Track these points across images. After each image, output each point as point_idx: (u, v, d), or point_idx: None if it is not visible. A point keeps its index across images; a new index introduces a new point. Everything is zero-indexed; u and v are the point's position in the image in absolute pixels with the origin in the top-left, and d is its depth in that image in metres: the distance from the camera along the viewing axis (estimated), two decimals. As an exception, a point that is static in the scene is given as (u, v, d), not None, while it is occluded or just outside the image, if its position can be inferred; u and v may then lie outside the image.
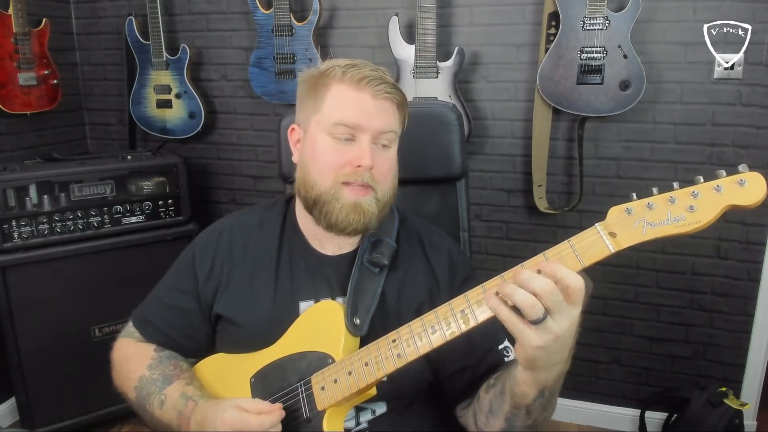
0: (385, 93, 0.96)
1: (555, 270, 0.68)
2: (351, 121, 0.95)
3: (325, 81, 0.98)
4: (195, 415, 0.93)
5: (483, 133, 2.16)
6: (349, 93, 0.96)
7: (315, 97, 0.99)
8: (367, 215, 0.96)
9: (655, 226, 0.71)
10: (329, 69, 0.98)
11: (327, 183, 0.96)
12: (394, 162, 1.02)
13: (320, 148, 0.97)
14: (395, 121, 1.00)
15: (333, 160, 0.96)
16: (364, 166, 0.94)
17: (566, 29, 1.87)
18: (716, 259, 2.03)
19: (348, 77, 0.96)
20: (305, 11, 2.17)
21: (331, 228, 0.98)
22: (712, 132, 1.95)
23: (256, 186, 2.48)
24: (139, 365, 1.04)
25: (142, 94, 2.36)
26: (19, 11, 2.10)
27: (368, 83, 0.95)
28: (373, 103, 0.96)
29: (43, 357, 2.00)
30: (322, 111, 0.97)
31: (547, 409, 0.82)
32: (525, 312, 0.68)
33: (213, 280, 1.05)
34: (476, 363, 0.97)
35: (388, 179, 1.00)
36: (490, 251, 2.25)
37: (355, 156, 0.95)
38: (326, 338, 0.94)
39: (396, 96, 0.98)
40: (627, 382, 2.22)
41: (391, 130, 0.98)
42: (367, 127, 0.95)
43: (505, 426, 0.85)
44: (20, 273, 1.94)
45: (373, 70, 0.96)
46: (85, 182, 2.02)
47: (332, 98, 0.97)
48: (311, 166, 0.98)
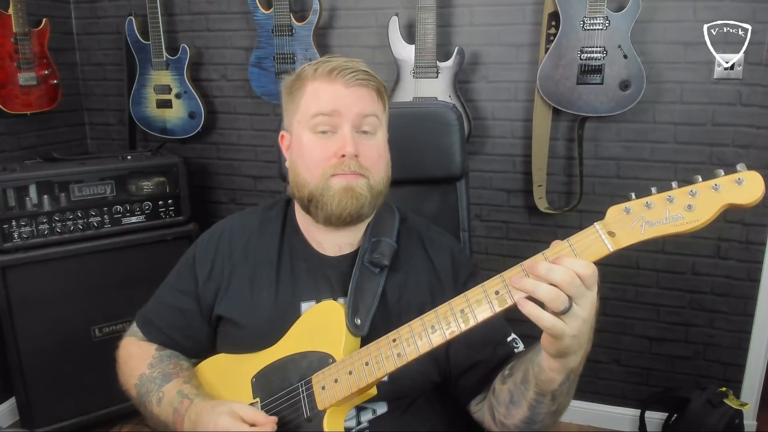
0: (357, 80, 0.96)
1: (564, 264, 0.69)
2: (327, 109, 0.95)
3: (300, 83, 0.99)
4: (189, 413, 0.94)
5: (483, 133, 2.16)
6: (322, 87, 0.97)
7: (293, 101, 1.01)
8: (360, 199, 0.96)
9: (653, 225, 0.71)
10: (302, 70, 1.00)
11: (316, 178, 0.96)
12: (382, 149, 1.01)
13: (305, 145, 0.97)
14: (374, 104, 0.99)
15: (318, 155, 0.96)
16: (347, 155, 0.94)
17: (566, 29, 1.87)
18: (716, 259, 2.03)
19: (319, 72, 0.97)
20: (305, 11, 2.17)
21: (328, 220, 0.98)
22: (712, 132, 1.95)
23: (256, 186, 2.48)
24: (140, 363, 1.05)
25: (142, 94, 2.36)
26: (19, 11, 2.10)
27: (339, 73, 0.95)
28: (347, 91, 0.96)
29: (43, 357, 2.00)
30: (300, 109, 0.99)
31: (570, 392, 0.83)
32: (550, 305, 0.69)
33: (213, 282, 1.06)
34: (487, 357, 0.97)
35: (379, 167, 0.99)
36: (490, 251, 2.25)
37: (338, 146, 0.95)
38: (327, 338, 0.94)
39: (371, 81, 0.97)
40: (627, 382, 2.22)
41: (371, 113, 0.97)
42: (345, 112, 0.95)
43: (529, 413, 0.85)
44: (20, 273, 1.94)
45: (344, 61, 0.97)
46: (85, 182, 2.02)
47: (307, 96, 0.98)
48: (300, 165, 0.99)
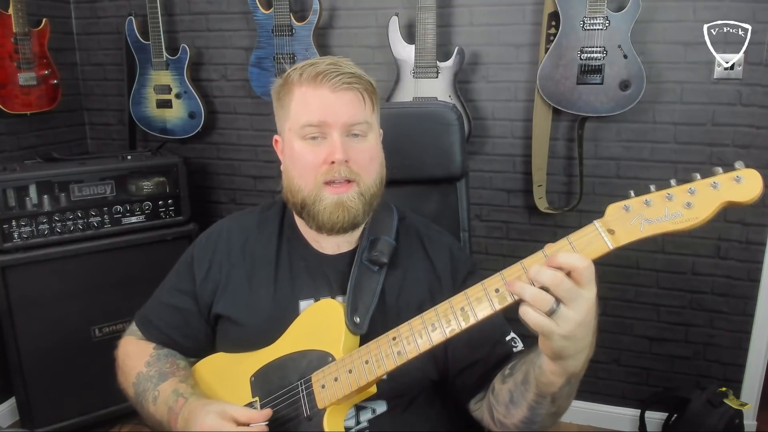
0: (343, 84, 0.95)
1: (558, 260, 0.69)
2: (316, 120, 0.95)
3: (287, 87, 0.99)
4: (183, 412, 0.94)
5: (483, 133, 2.16)
6: (308, 93, 0.96)
7: (282, 106, 1.01)
8: (351, 212, 0.96)
9: (652, 223, 0.71)
10: (288, 75, 0.99)
11: (309, 186, 0.96)
12: (373, 151, 1.00)
13: (296, 152, 0.97)
14: (363, 109, 0.97)
15: (309, 162, 0.96)
16: (337, 162, 0.93)
17: (566, 29, 1.87)
18: (716, 259, 2.03)
19: (305, 77, 0.96)
20: (305, 11, 2.17)
21: (320, 229, 0.99)
22: (712, 132, 1.95)
23: (256, 186, 2.49)
24: (137, 362, 1.05)
25: (142, 94, 2.36)
26: (19, 11, 2.10)
27: (323, 78, 0.94)
28: (333, 97, 0.95)
29: (43, 357, 2.00)
30: (290, 116, 0.98)
31: (571, 396, 0.83)
32: (535, 306, 0.70)
33: (211, 281, 1.06)
34: (486, 356, 0.97)
35: (370, 170, 0.99)
36: (490, 251, 2.25)
37: (327, 153, 0.94)
38: (326, 337, 0.94)
39: (357, 84, 0.96)
40: (627, 382, 2.22)
41: (359, 121, 0.97)
42: (333, 123, 0.95)
43: (528, 414, 0.85)
44: (20, 273, 1.94)
45: (329, 64, 0.96)
46: (85, 182, 2.02)
47: (296, 102, 0.97)
48: (292, 171, 0.99)
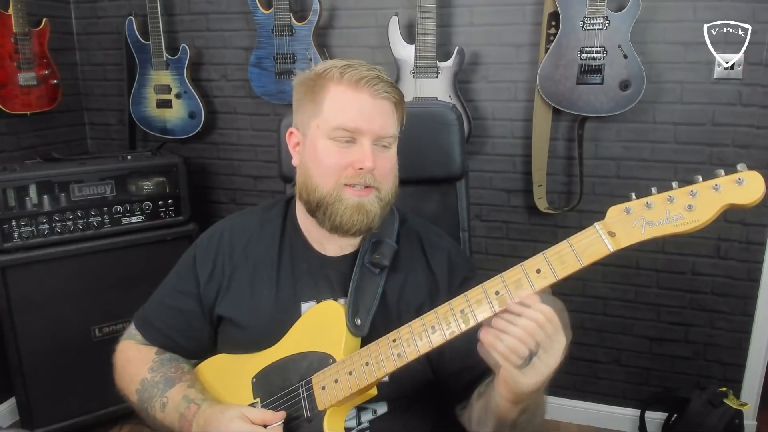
0: (383, 93, 0.96)
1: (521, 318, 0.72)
2: (352, 126, 0.94)
3: (322, 83, 0.97)
4: (198, 419, 0.94)
5: (483, 133, 2.16)
6: (347, 94, 0.95)
7: (313, 100, 0.98)
8: (370, 215, 0.96)
9: (654, 225, 0.71)
10: (326, 70, 0.97)
11: (329, 186, 0.96)
12: (394, 161, 1.02)
13: (321, 151, 0.96)
14: (394, 122, 1.00)
15: (334, 162, 0.95)
16: (366, 169, 0.94)
17: (566, 29, 1.87)
18: (716, 259, 2.03)
19: (346, 78, 0.95)
20: (305, 11, 2.17)
21: (335, 230, 0.98)
22: (712, 132, 1.95)
23: (256, 186, 2.48)
24: (140, 368, 1.04)
25: (142, 94, 2.36)
26: (19, 11, 2.09)
27: (366, 83, 0.94)
28: (372, 103, 0.95)
29: (43, 357, 2.00)
30: (322, 114, 0.97)
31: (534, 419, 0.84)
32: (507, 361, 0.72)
33: (214, 282, 1.06)
34: (474, 364, 0.96)
35: (390, 178, 1.00)
36: (490, 251, 2.25)
37: (356, 158, 0.94)
38: (327, 338, 0.94)
39: (394, 95, 0.98)
40: (627, 382, 2.22)
41: (390, 134, 0.98)
42: (367, 130, 0.95)
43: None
44: (20, 273, 1.94)
45: (369, 70, 0.96)
46: (85, 182, 2.02)
47: (331, 100, 0.96)
48: (313, 169, 0.98)
